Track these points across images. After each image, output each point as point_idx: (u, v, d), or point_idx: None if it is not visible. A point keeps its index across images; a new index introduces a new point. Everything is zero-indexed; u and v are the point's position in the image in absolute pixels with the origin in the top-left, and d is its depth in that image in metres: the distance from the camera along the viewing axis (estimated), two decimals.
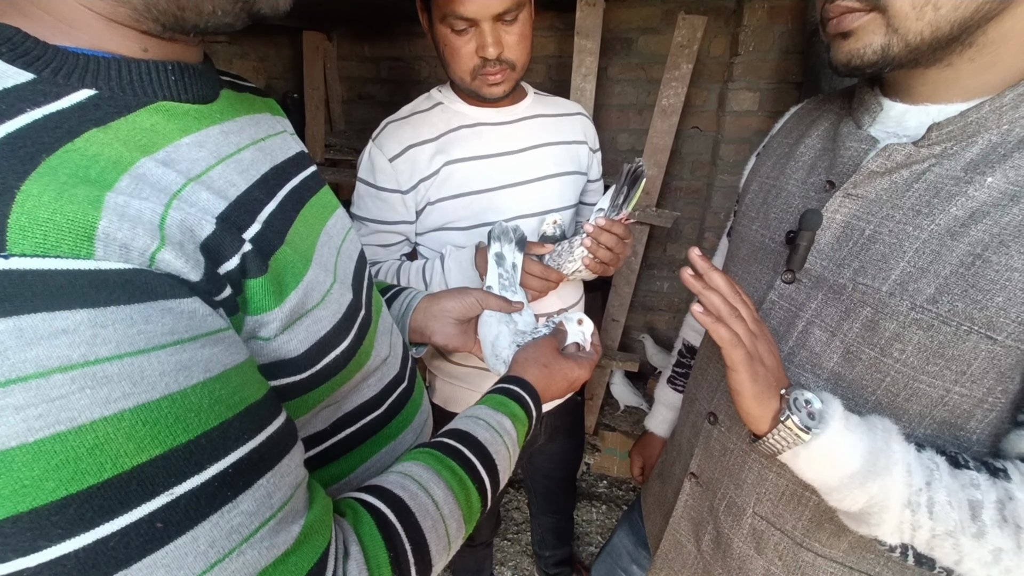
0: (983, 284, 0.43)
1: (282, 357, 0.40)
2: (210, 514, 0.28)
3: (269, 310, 0.37)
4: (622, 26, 1.92)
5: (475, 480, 0.48)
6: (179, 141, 0.36)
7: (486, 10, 0.75)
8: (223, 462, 0.30)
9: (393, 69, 2.27)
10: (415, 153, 0.88)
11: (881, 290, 0.49)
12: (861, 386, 0.52)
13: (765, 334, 0.49)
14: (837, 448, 0.45)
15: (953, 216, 0.46)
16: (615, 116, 2.07)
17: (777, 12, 1.67)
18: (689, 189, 2.12)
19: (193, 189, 0.34)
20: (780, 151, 0.66)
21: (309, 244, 0.46)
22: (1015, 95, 0.44)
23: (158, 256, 0.29)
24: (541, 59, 2.05)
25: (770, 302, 0.60)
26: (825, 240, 0.54)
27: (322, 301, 0.44)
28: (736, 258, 0.68)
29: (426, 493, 0.43)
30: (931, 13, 0.42)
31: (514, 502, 1.98)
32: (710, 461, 0.68)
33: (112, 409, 0.25)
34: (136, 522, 0.26)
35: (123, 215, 0.28)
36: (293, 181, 0.48)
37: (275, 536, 0.31)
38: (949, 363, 0.46)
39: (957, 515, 0.43)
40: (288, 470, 0.34)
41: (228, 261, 0.34)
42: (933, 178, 0.47)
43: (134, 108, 0.34)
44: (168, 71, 0.37)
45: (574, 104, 1.03)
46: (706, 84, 1.93)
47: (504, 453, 0.52)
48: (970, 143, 0.46)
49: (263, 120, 0.50)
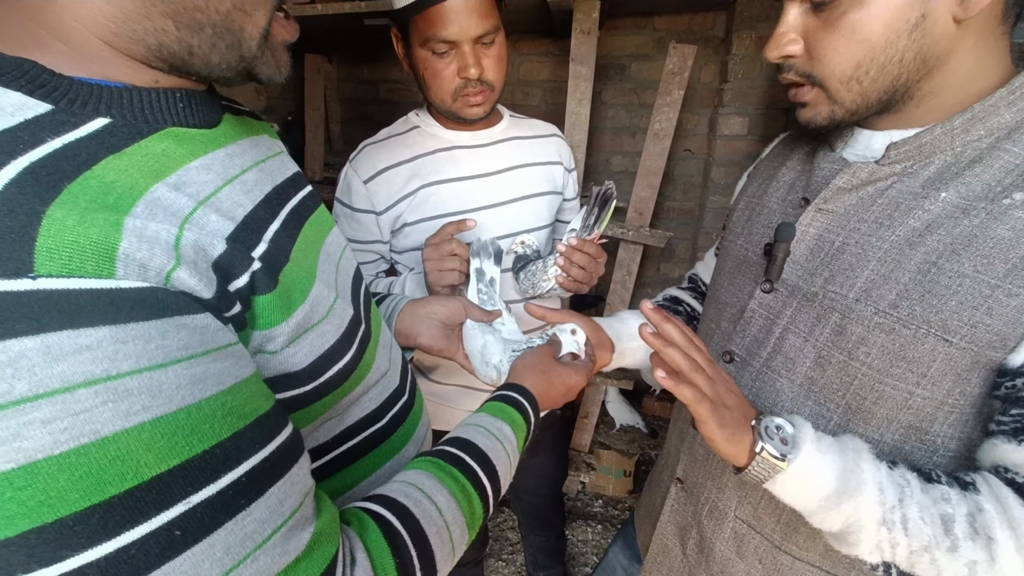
0: (938, 289, 0.46)
1: (287, 370, 0.41)
2: (225, 521, 0.29)
3: (276, 325, 0.39)
4: (616, 53, 1.99)
5: (477, 486, 0.49)
6: (188, 165, 0.38)
7: (466, 33, 0.78)
8: (237, 471, 0.31)
9: (392, 91, 2.32)
10: (390, 175, 0.90)
11: (848, 296, 0.52)
12: (832, 390, 0.54)
13: (721, 375, 0.52)
14: (812, 470, 0.47)
15: (911, 227, 0.49)
16: (609, 139, 2.12)
17: (764, 42, 1.72)
18: (682, 210, 2.16)
19: (203, 212, 0.36)
20: (766, 174, 0.70)
21: (312, 261, 0.48)
22: (963, 120, 0.48)
23: (173, 275, 0.30)
24: (537, 83, 2.11)
25: (750, 311, 0.63)
26: (800, 252, 0.58)
27: (326, 316, 0.45)
28: (723, 271, 0.71)
29: (430, 500, 0.44)
30: (856, 87, 0.49)
31: (508, 522, 1.96)
32: (694, 466, 0.70)
33: (133, 421, 0.26)
34: (156, 530, 0.27)
35: (142, 236, 0.29)
36: (293, 200, 0.50)
37: (287, 543, 0.32)
38: (910, 365, 0.48)
39: (930, 530, 0.44)
40: (297, 478, 0.35)
41: (238, 279, 0.36)
42: (894, 194, 0.51)
43: (146, 134, 0.36)
44: (177, 98, 0.40)
45: (549, 125, 1.07)
46: (697, 109, 1.99)
47: (504, 459, 0.53)
48: (927, 163, 0.50)
49: (262, 142, 0.52)
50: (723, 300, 0.69)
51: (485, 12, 0.79)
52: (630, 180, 1.77)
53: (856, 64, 0.48)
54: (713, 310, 0.71)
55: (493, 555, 1.82)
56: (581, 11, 1.48)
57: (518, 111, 1.08)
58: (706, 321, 0.73)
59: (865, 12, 0.45)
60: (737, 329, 0.64)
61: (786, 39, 0.52)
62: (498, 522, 1.96)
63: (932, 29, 0.45)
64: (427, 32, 0.79)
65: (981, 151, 0.47)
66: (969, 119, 0.48)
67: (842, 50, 0.48)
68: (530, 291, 0.88)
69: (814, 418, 0.55)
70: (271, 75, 0.44)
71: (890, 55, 0.46)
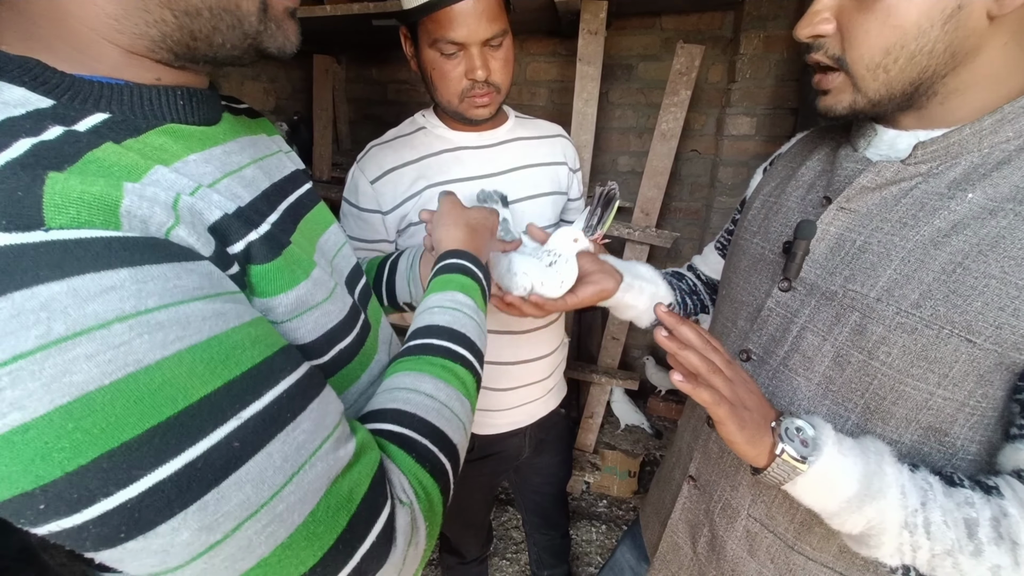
0: (963, 290, 0.46)
1: (294, 342, 0.43)
2: (277, 432, 0.32)
3: (275, 295, 0.40)
4: (623, 53, 1.99)
5: (454, 359, 0.51)
6: (187, 158, 0.39)
7: (475, 35, 0.79)
8: (276, 389, 0.33)
9: (400, 91, 2.33)
10: (396, 176, 0.91)
11: (869, 296, 0.52)
12: (850, 389, 0.54)
13: (741, 375, 0.52)
14: (833, 473, 0.47)
15: (936, 228, 0.49)
16: (616, 139, 2.12)
17: (773, 42, 1.73)
18: (688, 210, 2.16)
19: (204, 192, 0.38)
20: (784, 173, 0.70)
21: (309, 252, 0.49)
22: (993, 120, 0.47)
23: (173, 232, 0.32)
24: (544, 83, 2.11)
25: (768, 309, 0.63)
26: (819, 251, 0.58)
27: (330, 296, 0.47)
28: (738, 269, 0.71)
29: (416, 392, 0.46)
30: (883, 75, 0.49)
31: (513, 521, 1.96)
32: (708, 464, 0.70)
33: (171, 350, 0.28)
34: (216, 444, 0.29)
35: (142, 196, 0.31)
36: (291, 197, 0.52)
37: (336, 450, 0.35)
38: (932, 365, 0.48)
39: (954, 534, 0.44)
40: (331, 399, 0.38)
41: (234, 244, 0.38)
42: (919, 194, 0.51)
43: (144, 129, 0.38)
44: (177, 96, 0.41)
45: (554, 126, 1.07)
46: (705, 109, 1.98)
47: (470, 323, 0.55)
48: (954, 164, 0.50)
49: (260, 141, 0.53)
50: (739, 299, 0.69)
51: (494, 15, 0.80)
52: (637, 180, 1.77)
53: (886, 49, 0.47)
54: (729, 308, 0.71)
55: (497, 554, 1.83)
56: (588, 11, 1.48)
57: (525, 111, 1.08)
58: (721, 319, 0.73)
59: None
60: (754, 327, 0.64)
61: (819, 18, 0.51)
62: (502, 521, 1.97)
63: (966, 22, 0.44)
64: (436, 33, 0.80)
65: (1009, 153, 0.47)
66: (999, 120, 0.47)
67: (874, 33, 0.47)
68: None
69: (832, 417, 0.55)
70: (281, 46, 0.44)
71: (921, 44, 0.46)
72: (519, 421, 1.09)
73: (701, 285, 0.90)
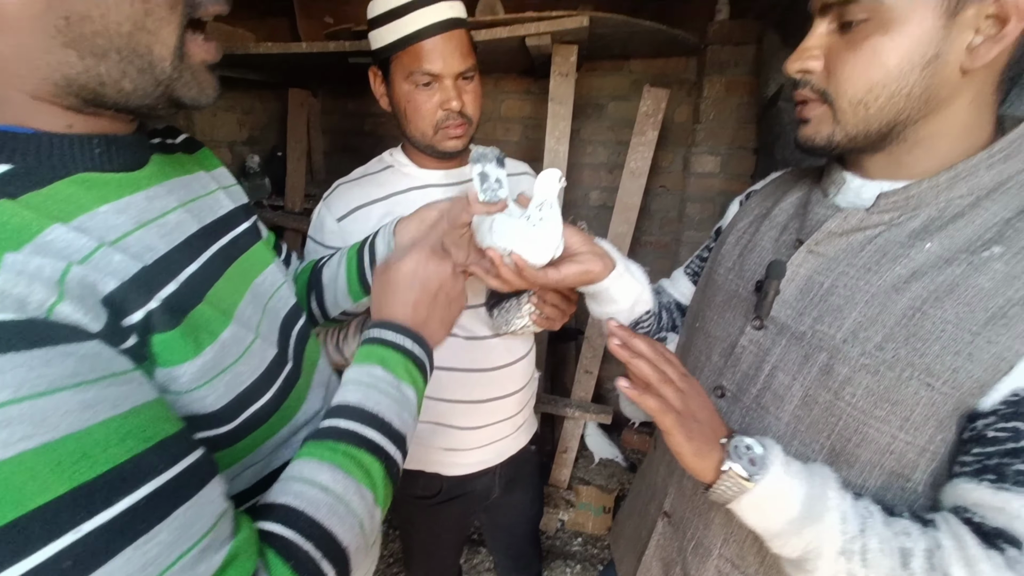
0: (922, 334, 0.48)
1: (200, 411, 0.41)
2: (123, 548, 0.28)
3: (179, 364, 0.38)
4: (594, 93, 2.06)
5: (359, 443, 0.45)
6: (95, 210, 0.37)
7: (450, 68, 0.83)
8: (136, 494, 0.30)
9: (376, 124, 2.36)
10: (364, 213, 0.91)
11: (836, 337, 0.53)
12: (817, 430, 0.55)
13: (695, 388, 0.53)
14: (778, 493, 0.48)
15: (898, 274, 0.51)
16: (588, 174, 2.18)
17: (734, 86, 1.82)
18: (658, 244, 2.21)
19: (105, 252, 0.36)
20: (758, 211, 0.73)
21: (231, 303, 0.47)
22: (948, 177, 0.51)
23: (56, 309, 0.30)
24: (518, 120, 2.17)
25: (741, 346, 0.64)
26: (790, 292, 0.59)
27: (242, 356, 0.45)
28: (712, 304, 0.72)
29: (312, 484, 0.42)
30: (863, 111, 0.52)
31: (485, 563, 1.89)
32: (682, 500, 0.70)
33: (12, 451, 0.26)
34: (43, 563, 0.26)
35: (21, 272, 0.29)
36: (222, 240, 0.50)
37: (198, 565, 0.31)
38: (895, 408, 0.49)
39: (889, 562, 0.45)
40: (208, 500, 0.34)
41: (132, 315, 0.35)
42: (883, 242, 0.54)
43: (51, 180, 0.36)
44: (93, 144, 0.39)
45: (521, 164, 1.10)
46: (672, 147, 2.06)
47: (384, 400, 0.49)
48: (914, 215, 0.53)
49: (195, 181, 0.51)
50: (713, 333, 0.70)
51: (466, 52, 0.85)
52: (608, 214, 1.81)
53: (869, 87, 0.50)
54: (703, 342, 0.72)
55: None
56: (559, 55, 1.54)
57: (500, 145, 1.10)
58: (695, 352, 0.74)
59: (888, 38, 0.48)
60: (728, 364, 0.65)
61: (808, 54, 0.54)
62: (474, 563, 1.90)
63: (942, 70, 0.48)
64: (412, 66, 0.83)
65: (964, 207, 0.51)
66: (953, 177, 0.51)
67: (860, 70, 0.50)
68: (503, 328, 0.88)
69: (800, 459, 0.56)
70: (195, 97, 0.43)
71: (901, 85, 0.49)
72: (488, 460, 1.06)
73: (660, 308, 0.91)
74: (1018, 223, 0.48)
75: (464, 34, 0.86)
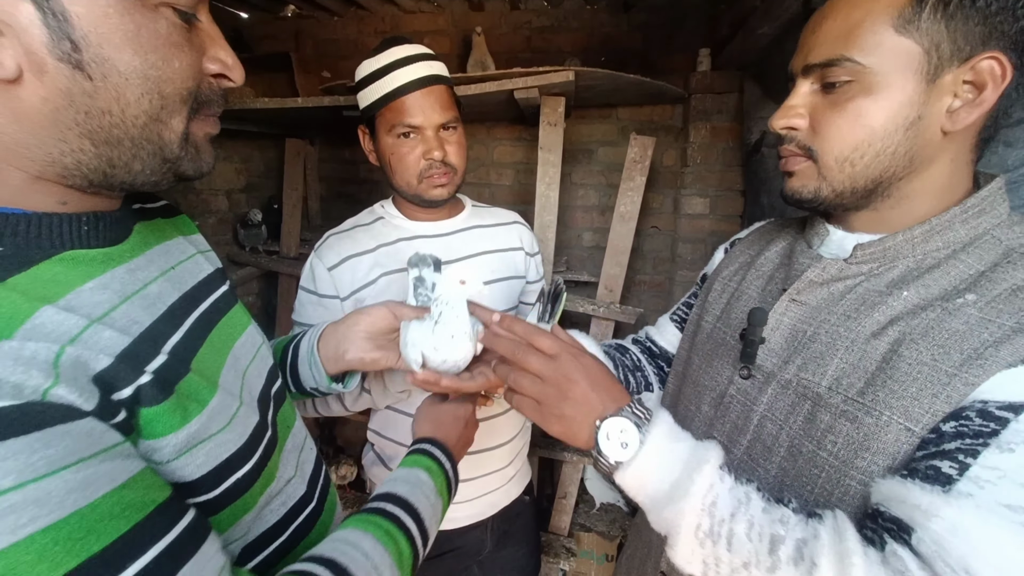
0: (899, 375, 0.48)
1: (180, 480, 0.41)
2: None
3: (163, 435, 0.39)
4: (583, 139, 2.12)
5: (400, 527, 0.53)
6: (81, 287, 0.38)
7: (430, 120, 0.88)
8: (142, 560, 0.31)
9: (371, 171, 2.41)
10: (354, 263, 0.93)
11: (820, 384, 0.54)
12: (802, 483, 0.54)
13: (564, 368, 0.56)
14: (645, 476, 0.51)
15: (876, 320, 0.52)
16: (580, 216, 2.22)
17: (718, 132, 1.88)
18: (652, 283, 2.23)
19: (95, 330, 0.36)
20: (742, 259, 0.74)
21: (215, 369, 0.48)
22: (923, 230, 0.53)
23: (51, 392, 0.30)
24: (510, 165, 2.22)
25: (729, 396, 0.64)
26: (775, 340, 0.60)
27: (228, 424, 0.45)
28: (700, 352, 0.72)
29: (355, 548, 0.47)
30: (849, 168, 0.54)
31: None
32: None
33: (21, 535, 0.27)
34: None
35: (17, 359, 0.30)
36: (203, 306, 0.51)
37: None
38: (875, 456, 0.48)
39: (754, 547, 0.45)
40: (209, 556, 0.36)
41: (122, 391, 0.36)
42: (862, 291, 0.55)
43: (38, 260, 0.36)
44: (82, 222, 0.40)
45: (511, 213, 1.12)
46: (662, 189, 2.11)
47: (424, 502, 0.58)
48: (892, 266, 0.55)
49: (174, 247, 0.52)
50: (702, 382, 0.70)
51: (446, 105, 0.90)
52: (601, 255, 1.83)
53: (855, 146, 0.52)
54: (691, 391, 0.72)
55: None
56: (548, 106, 1.60)
57: (493, 190, 1.13)
58: (684, 402, 0.73)
59: (872, 101, 0.50)
60: (718, 415, 0.65)
61: (793, 112, 0.56)
62: None
63: (924, 132, 0.50)
64: (394, 120, 0.88)
65: (939, 259, 0.52)
66: (928, 230, 0.53)
67: (845, 130, 0.52)
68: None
69: None
70: (197, 168, 0.45)
71: (886, 145, 0.51)
72: (479, 513, 1.04)
73: (647, 359, 0.90)
74: (992, 275, 0.49)
75: (444, 89, 0.90)
